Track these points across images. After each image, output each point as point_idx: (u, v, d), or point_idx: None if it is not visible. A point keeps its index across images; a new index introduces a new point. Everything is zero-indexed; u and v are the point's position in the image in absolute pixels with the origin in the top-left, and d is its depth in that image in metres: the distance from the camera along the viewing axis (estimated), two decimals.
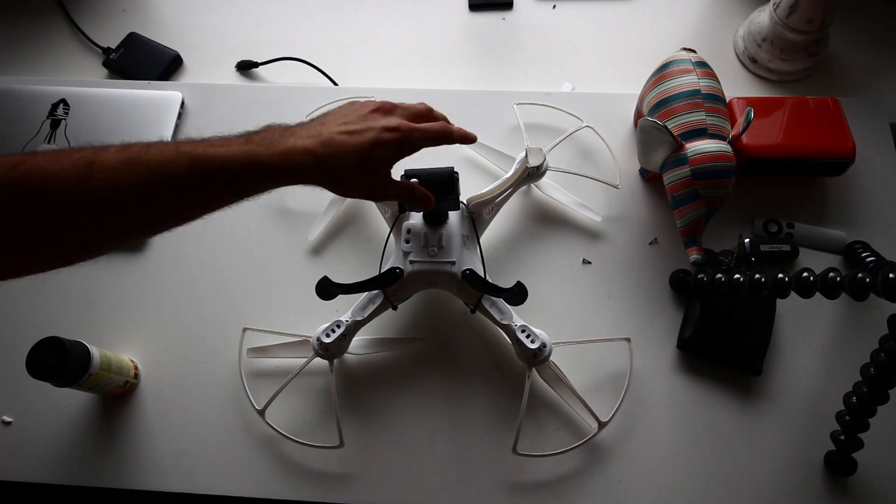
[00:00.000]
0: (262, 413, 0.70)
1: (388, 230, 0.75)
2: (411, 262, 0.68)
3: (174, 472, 0.73)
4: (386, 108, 0.56)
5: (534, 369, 0.69)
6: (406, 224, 0.70)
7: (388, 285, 0.69)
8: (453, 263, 0.68)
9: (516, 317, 0.70)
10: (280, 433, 0.70)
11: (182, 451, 0.74)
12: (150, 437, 0.74)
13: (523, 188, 0.85)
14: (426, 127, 0.56)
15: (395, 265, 0.69)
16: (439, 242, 0.69)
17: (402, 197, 0.59)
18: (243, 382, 0.73)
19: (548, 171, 0.80)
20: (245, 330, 0.74)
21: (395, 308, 0.72)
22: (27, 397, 0.76)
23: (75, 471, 0.73)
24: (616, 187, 0.82)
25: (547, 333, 0.70)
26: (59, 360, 0.65)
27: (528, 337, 0.68)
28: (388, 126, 0.53)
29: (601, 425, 0.70)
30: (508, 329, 0.69)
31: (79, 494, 1.20)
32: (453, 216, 0.71)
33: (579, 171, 0.83)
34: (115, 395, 0.75)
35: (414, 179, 0.61)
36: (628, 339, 0.73)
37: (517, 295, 0.66)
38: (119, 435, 0.74)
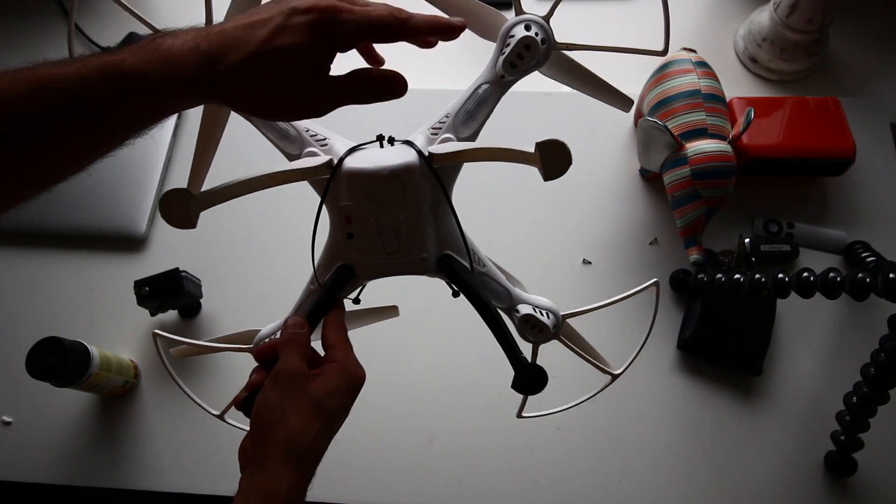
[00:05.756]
0: (221, 417, 0.57)
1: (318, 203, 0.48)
2: (364, 266, 0.49)
3: (174, 472, 0.73)
4: None
5: None
6: (341, 206, 0.46)
7: (339, 291, 0.50)
8: (424, 260, 0.48)
9: (519, 295, 0.53)
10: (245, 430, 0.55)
11: (182, 451, 0.74)
12: (150, 437, 0.74)
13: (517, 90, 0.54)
14: (360, 9, 0.38)
15: (342, 262, 0.49)
16: (398, 231, 0.47)
17: (344, 94, 0.40)
18: (179, 383, 0.56)
19: (554, 54, 0.52)
20: (157, 335, 0.55)
21: (357, 301, 0.53)
22: (27, 397, 0.76)
23: (75, 471, 0.73)
24: (661, 54, 0.53)
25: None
26: (58, 360, 0.65)
27: (533, 328, 0.52)
28: (299, 6, 0.37)
29: (613, 377, 0.58)
30: (508, 315, 0.54)
31: (79, 494, 1.20)
32: (414, 179, 0.45)
33: (610, 45, 0.53)
34: (115, 395, 0.75)
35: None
36: (657, 284, 0.58)
37: (531, 381, 0.48)
38: (119, 435, 0.74)
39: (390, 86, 0.41)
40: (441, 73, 0.98)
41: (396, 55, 1.09)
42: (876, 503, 0.70)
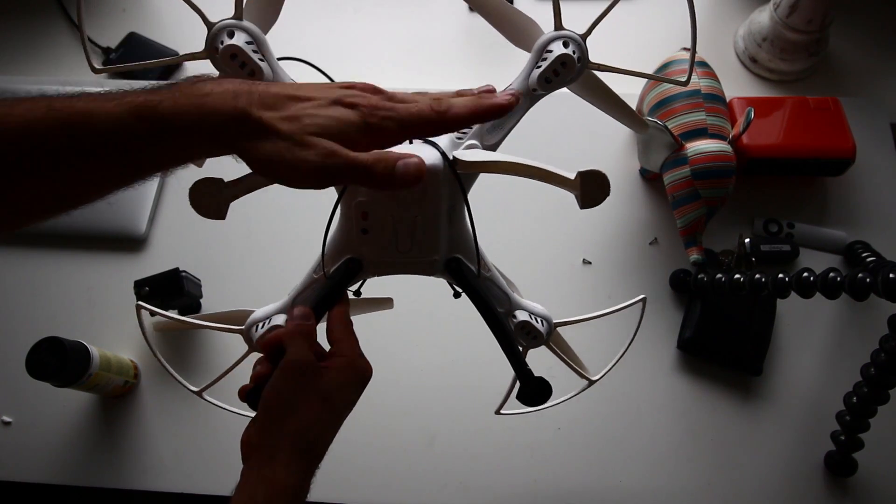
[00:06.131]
0: (200, 394, 0.57)
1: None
2: (374, 263, 0.49)
3: (174, 472, 0.73)
4: (360, 87, 0.40)
5: None
6: (359, 201, 0.46)
7: (345, 285, 0.50)
8: (435, 261, 0.49)
9: (517, 301, 0.54)
10: (223, 408, 0.57)
11: (182, 451, 0.74)
12: (150, 437, 0.74)
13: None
14: (402, 106, 0.39)
15: (349, 255, 0.49)
16: (414, 231, 0.47)
17: (362, 173, 0.37)
18: (158, 357, 0.56)
19: (586, 73, 0.54)
20: (139, 307, 0.56)
21: (357, 294, 0.54)
22: (27, 397, 0.76)
23: (75, 471, 0.73)
24: (684, 84, 0.60)
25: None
26: (58, 360, 0.65)
27: (528, 334, 0.53)
28: (343, 99, 0.38)
29: (590, 383, 0.60)
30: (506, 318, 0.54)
31: (79, 494, 1.20)
32: (436, 181, 0.45)
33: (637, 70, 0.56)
34: (115, 395, 0.75)
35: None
36: (644, 300, 0.60)
37: (537, 394, 0.50)
38: (119, 435, 0.74)
39: (396, 173, 0.38)
40: (442, 74, 0.98)
41: (396, 56, 1.08)
42: (876, 503, 0.70)
